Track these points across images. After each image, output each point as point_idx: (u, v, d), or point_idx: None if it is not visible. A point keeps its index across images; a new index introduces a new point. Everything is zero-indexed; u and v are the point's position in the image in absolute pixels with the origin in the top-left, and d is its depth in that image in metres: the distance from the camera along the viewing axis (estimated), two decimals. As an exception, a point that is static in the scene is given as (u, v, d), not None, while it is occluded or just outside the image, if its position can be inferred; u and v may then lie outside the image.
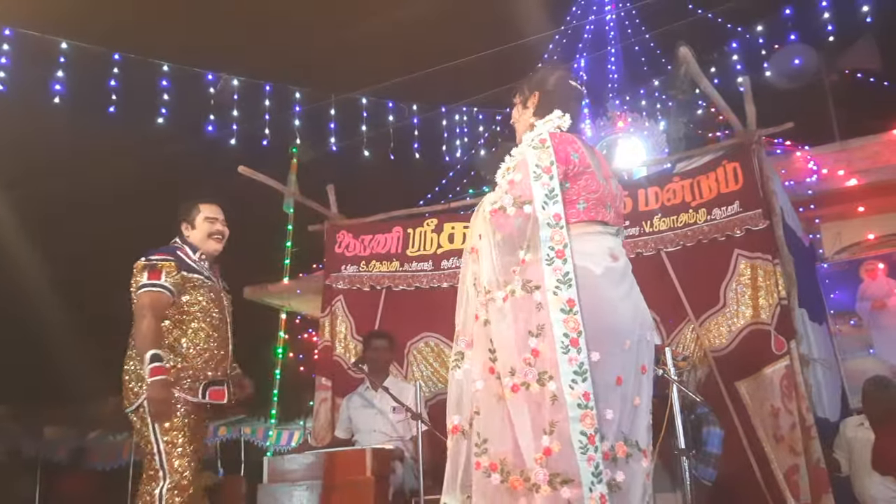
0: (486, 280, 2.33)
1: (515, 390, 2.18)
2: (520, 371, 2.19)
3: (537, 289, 2.21)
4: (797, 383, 4.25)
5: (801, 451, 4.15)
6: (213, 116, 7.87)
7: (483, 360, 2.30)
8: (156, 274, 3.26)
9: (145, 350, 3.13)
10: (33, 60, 7.01)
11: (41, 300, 11.81)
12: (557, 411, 2.12)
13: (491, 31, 10.24)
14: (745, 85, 5.02)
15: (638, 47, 10.22)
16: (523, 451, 2.15)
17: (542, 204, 2.27)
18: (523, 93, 2.66)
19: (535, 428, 2.14)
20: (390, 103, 9.16)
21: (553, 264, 2.23)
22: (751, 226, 4.66)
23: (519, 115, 2.68)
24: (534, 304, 2.21)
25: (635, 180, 5.97)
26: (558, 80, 2.64)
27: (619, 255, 2.41)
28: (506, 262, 2.30)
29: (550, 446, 2.11)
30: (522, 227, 2.27)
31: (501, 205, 2.30)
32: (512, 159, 2.46)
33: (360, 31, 9.90)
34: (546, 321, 2.18)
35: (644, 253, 4.98)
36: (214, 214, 3.55)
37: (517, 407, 2.18)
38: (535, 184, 2.29)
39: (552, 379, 2.14)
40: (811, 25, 8.90)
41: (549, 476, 2.09)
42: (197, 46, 9.00)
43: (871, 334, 6.66)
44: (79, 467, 10.38)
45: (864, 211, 6.79)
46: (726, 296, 4.67)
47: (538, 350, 2.18)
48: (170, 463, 3.14)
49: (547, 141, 2.37)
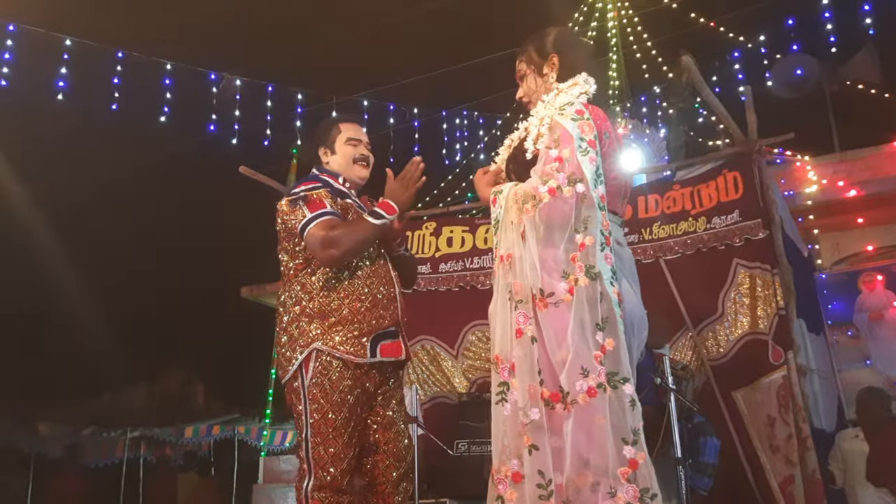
0: (539, 281, 2.01)
1: (593, 394, 1.89)
2: (593, 370, 1.91)
3: (598, 276, 1.97)
4: (794, 394, 4.25)
5: (797, 462, 4.15)
6: (214, 116, 7.88)
7: (531, 386, 1.98)
8: (315, 204, 2.60)
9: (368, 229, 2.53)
10: (37, 57, 7.01)
11: (38, 295, 11.80)
12: (637, 418, 1.91)
13: (493, 35, 10.25)
14: (746, 94, 5.02)
15: (640, 54, 10.23)
16: (599, 467, 1.88)
17: (593, 182, 2.02)
18: (533, 59, 2.35)
19: (615, 438, 1.89)
20: (391, 106, 9.18)
21: (605, 251, 2.01)
22: (750, 235, 4.66)
23: (536, 84, 2.34)
24: (597, 292, 1.97)
25: (636, 187, 5.96)
26: (567, 37, 2.38)
27: (623, 243, 2.28)
28: (567, 250, 2.01)
29: (636, 458, 1.88)
30: (578, 207, 2.00)
31: (558, 184, 2.01)
32: (537, 126, 2.15)
33: (363, 34, 9.91)
34: (611, 314, 1.96)
35: (643, 260, 4.98)
36: (358, 136, 2.88)
37: (595, 413, 1.89)
38: (584, 159, 2.02)
39: (627, 381, 1.92)
40: (813, 36, 8.93)
41: (640, 492, 1.87)
42: (200, 46, 9.01)
43: (868, 345, 6.67)
44: (72, 464, 10.36)
45: (863, 222, 6.81)
46: (724, 305, 4.68)
47: (606, 346, 1.94)
48: (316, 452, 2.46)
49: (585, 112, 2.11)
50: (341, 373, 2.50)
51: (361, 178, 2.85)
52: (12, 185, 9.82)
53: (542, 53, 2.34)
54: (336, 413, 2.47)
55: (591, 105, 2.22)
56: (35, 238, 10.67)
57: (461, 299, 5.31)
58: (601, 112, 2.22)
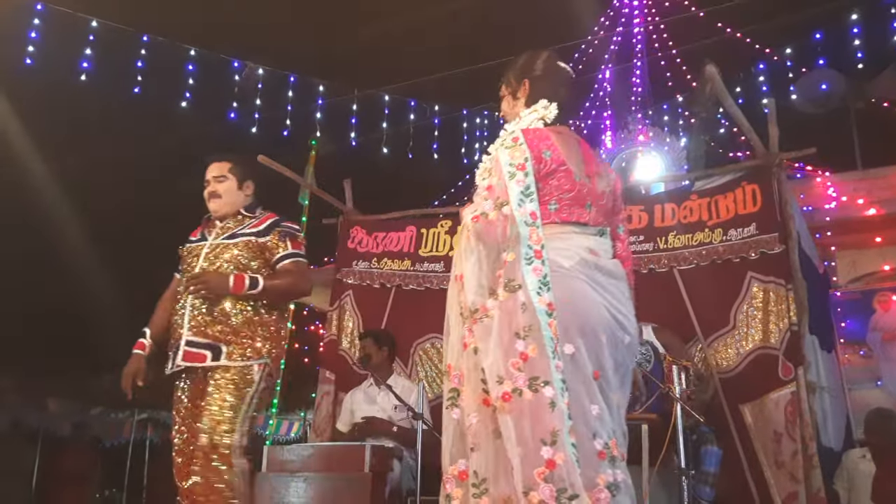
0: (473, 298, 2.16)
1: (507, 399, 1.99)
2: (508, 377, 2.01)
3: (520, 288, 2.08)
4: (802, 410, 4.22)
5: (802, 479, 4.12)
6: (235, 104, 7.92)
7: (477, 392, 2.11)
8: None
9: None
10: (63, 37, 7.07)
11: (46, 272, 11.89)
12: (557, 419, 1.95)
13: (517, 37, 10.23)
14: (769, 107, 4.99)
15: (664, 62, 10.18)
16: (520, 468, 1.94)
17: (518, 202, 2.16)
18: (510, 83, 2.49)
19: (533, 439, 1.94)
20: (412, 102, 9.18)
21: (532, 264, 2.11)
22: (766, 249, 4.63)
23: (511, 107, 2.50)
24: (518, 303, 2.07)
25: (653, 195, 5.95)
26: (546, 63, 2.47)
27: (600, 252, 2.29)
28: (494, 269, 2.16)
29: (554, 458, 1.92)
30: (504, 228, 2.15)
31: (483, 211, 2.20)
32: (489, 158, 2.33)
33: (386, 29, 9.91)
34: (534, 322, 2.04)
35: (657, 269, 4.96)
36: (207, 176, 3.43)
37: (511, 418, 1.98)
38: (511, 182, 2.18)
39: (547, 384, 1.98)
40: (840, 51, 8.85)
41: (557, 492, 1.89)
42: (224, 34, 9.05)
43: (880, 366, 6.61)
44: (79, 442, 10.45)
45: (881, 241, 6.74)
46: (736, 318, 4.65)
47: (527, 353, 2.02)
48: None
49: (520, 139, 2.25)
50: None
51: (213, 211, 3.37)
52: (36, 165, 9.92)
53: (517, 78, 2.47)
54: None
55: (534, 129, 2.32)
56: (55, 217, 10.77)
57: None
58: (544, 132, 2.31)
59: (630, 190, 6.53)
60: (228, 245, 3.24)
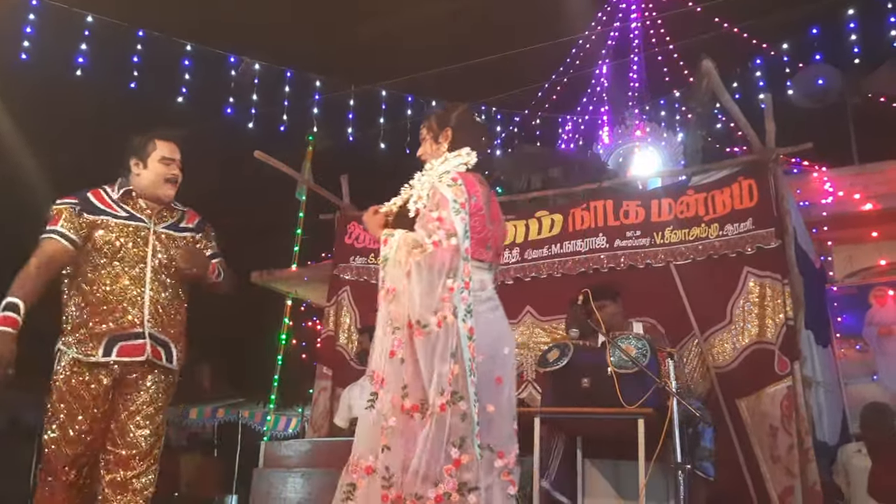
0: (418, 314, 2.46)
1: (443, 409, 2.36)
2: (446, 390, 2.38)
3: (456, 315, 2.44)
4: (798, 405, 4.23)
5: (798, 474, 4.13)
6: (232, 99, 7.91)
7: (394, 398, 2.43)
8: (53, 220, 2.92)
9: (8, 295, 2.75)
10: (58, 32, 7.05)
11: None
12: (467, 427, 2.36)
13: (513, 33, 10.22)
14: (766, 102, 4.98)
15: (661, 58, 10.18)
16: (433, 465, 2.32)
17: (463, 237, 2.51)
18: (433, 129, 2.82)
19: (447, 442, 2.34)
20: (409, 97, 9.17)
21: (463, 293, 2.47)
22: (762, 244, 4.63)
23: (430, 149, 2.83)
24: (455, 328, 2.43)
25: (650, 190, 5.95)
26: (466, 117, 2.84)
27: (487, 285, 2.65)
28: (440, 291, 2.47)
29: (460, 458, 2.33)
30: (453, 257, 2.48)
31: (439, 238, 2.49)
32: (420, 189, 2.68)
33: (383, 25, 9.90)
34: (460, 345, 2.42)
35: (653, 264, 4.96)
36: (172, 155, 3.11)
37: (439, 423, 2.35)
38: (456, 218, 2.51)
39: (463, 399, 2.38)
40: (837, 47, 8.86)
41: (458, 485, 2.32)
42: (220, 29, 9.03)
43: (876, 361, 6.62)
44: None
45: (877, 236, 6.74)
46: (733, 313, 4.65)
47: (454, 371, 2.39)
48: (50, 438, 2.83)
49: (459, 180, 2.58)
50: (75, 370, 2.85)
51: (168, 196, 3.09)
52: (28, 160, 9.89)
53: (441, 125, 2.81)
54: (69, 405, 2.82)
55: (465, 174, 2.65)
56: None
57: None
58: (472, 178, 2.65)
59: (627, 185, 6.54)
60: (175, 237, 3.10)
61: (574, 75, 10.70)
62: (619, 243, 5.08)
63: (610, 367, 3.66)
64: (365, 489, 2.40)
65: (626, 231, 5.10)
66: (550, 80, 10.65)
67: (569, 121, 11.31)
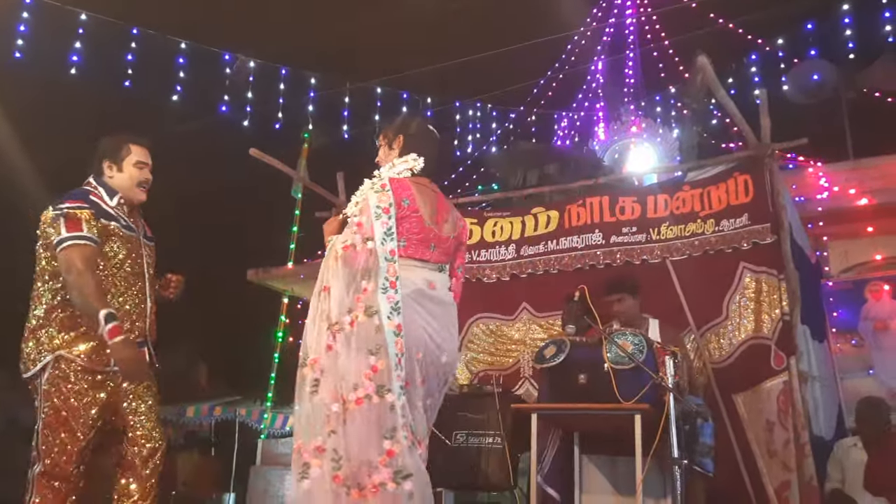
0: (337, 312, 2.61)
1: (359, 403, 2.50)
2: (362, 385, 2.51)
3: (376, 313, 2.56)
4: (794, 400, 4.23)
5: (794, 468, 4.14)
6: (227, 97, 7.89)
7: (335, 387, 2.58)
8: (75, 224, 2.85)
9: (96, 311, 2.73)
10: (52, 30, 7.02)
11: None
12: (396, 419, 2.49)
13: (509, 30, 10.21)
14: (761, 97, 4.98)
15: (656, 53, 10.18)
16: (366, 456, 2.46)
17: (381, 240, 2.63)
18: (388, 136, 2.98)
19: (378, 434, 2.47)
20: (404, 94, 9.17)
21: (387, 293, 2.59)
22: (758, 239, 4.64)
23: (385, 155, 2.98)
24: (374, 326, 2.55)
25: (646, 186, 5.95)
26: (419, 125, 3.01)
27: (437, 285, 2.78)
28: (353, 291, 2.61)
29: (392, 448, 2.47)
30: (367, 260, 2.61)
31: (352, 242, 2.64)
32: (361, 193, 2.80)
33: (379, 22, 9.88)
34: (383, 342, 2.53)
35: (649, 260, 4.96)
36: (146, 160, 3.14)
37: (361, 417, 2.49)
38: (377, 223, 2.65)
39: (390, 392, 2.50)
40: (832, 42, 8.87)
41: (393, 473, 2.44)
42: (215, 27, 9.00)
43: (871, 355, 6.65)
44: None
45: (872, 231, 6.77)
46: (729, 308, 4.65)
47: (377, 366, 2.52)
48: (46, 442, 2.86)
49: (387, 186, 2.74)
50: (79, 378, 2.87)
51: (140, 200, 3.14)
52: (22, 161, 9.85)
53: (395, 133, 2.97)
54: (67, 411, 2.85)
55: (398, 179, 2.80)
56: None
57: (467, 291, 5.27)
58: (407, 183, 2.79)
59: (623, 181, 6.54)
60: (151, 247, 3.22)
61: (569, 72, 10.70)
62: (615, 239, 5.08)
63: (607, 363, 3.66)
64: (319, 468, 2.52)
65: (622, 227, 5.10)
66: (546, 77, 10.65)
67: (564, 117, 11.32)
